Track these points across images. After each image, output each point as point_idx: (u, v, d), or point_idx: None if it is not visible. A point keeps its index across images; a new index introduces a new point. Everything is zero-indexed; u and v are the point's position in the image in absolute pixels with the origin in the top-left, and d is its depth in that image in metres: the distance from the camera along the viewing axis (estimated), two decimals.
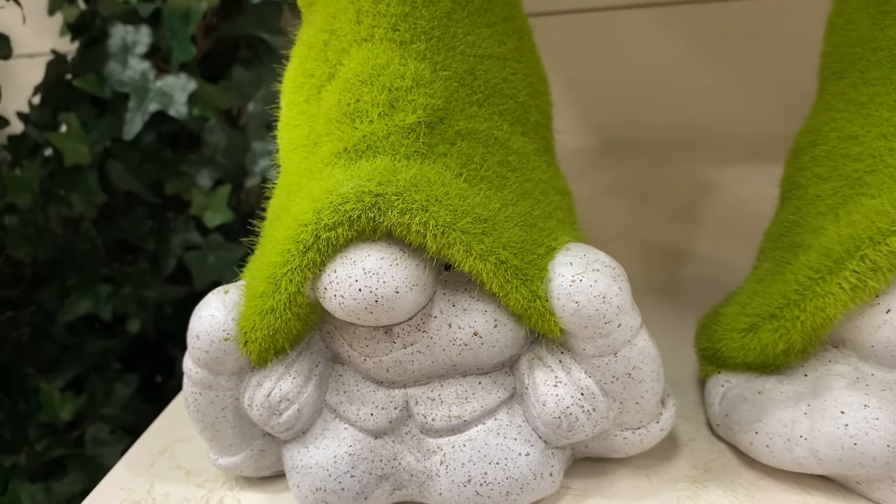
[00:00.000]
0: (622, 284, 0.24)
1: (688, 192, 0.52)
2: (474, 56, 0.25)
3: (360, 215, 0.22)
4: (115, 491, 0.30)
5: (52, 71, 0.52)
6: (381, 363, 0.26)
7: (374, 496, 0.26)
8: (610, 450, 0.27)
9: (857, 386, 0.24)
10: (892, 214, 0.22)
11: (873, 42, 0.25)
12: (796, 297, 0.24)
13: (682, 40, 0.62)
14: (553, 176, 0.27)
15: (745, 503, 0.26)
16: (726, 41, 0.61)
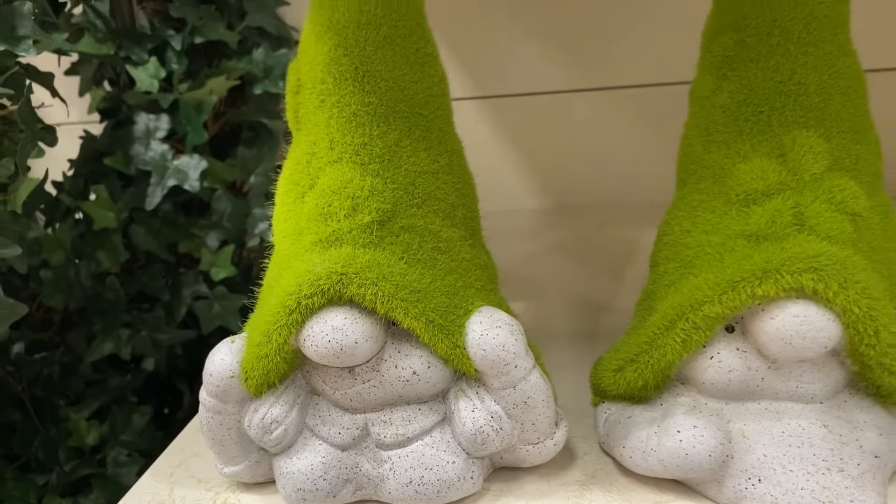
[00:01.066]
0: (518, 337, 0.33)
1: (619, 252, 0.61)
2: (415, 171, 0.35)
3: (329, 288, 0.32)
4: (143, 494, 0.38)
5: (85, 149, 0.61)
6: (346, 395, 0.35)
7: (340, 495, 0.35)
8: (518, 460, 0.36)
9: (692, 412, 0.33)
10: (705, 290, 0.31)
11: (703, 162, 0.35)
12: (647, 346, 0.34)
13: (622, 119, 0.72)
14: (476, 255, 0.37)
15: (617, 500, 0.35)
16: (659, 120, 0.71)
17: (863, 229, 0.32)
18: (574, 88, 0.72)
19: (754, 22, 0.33)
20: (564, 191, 0.75)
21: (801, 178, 0.32)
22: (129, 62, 0.61)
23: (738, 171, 0.33)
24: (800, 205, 0.31)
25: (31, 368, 0.61)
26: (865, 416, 0.32)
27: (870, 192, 0.32)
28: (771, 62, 0.33)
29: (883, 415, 0.33)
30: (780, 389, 0.33)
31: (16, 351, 0.62)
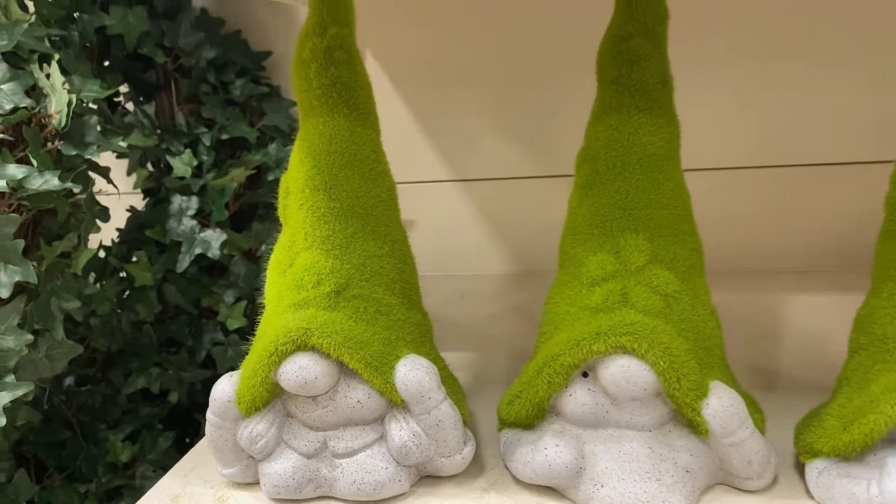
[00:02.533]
0: (432, 377, 0.46)
1: None
2: (365, 255, 0.48)
3: (297, 338, 0.45)
4: (163, 490, 0.52)
5: (130, 221, 0.76)
6: (311, 417, 0.48)
7: (304, 491, 0.48)
8: (437, 470, 0.49)
9: (558, 435, 0.46)
10: (561, 346, 0.44)
11: (569, 254, 0.48)
12: (526, 385, 0.46)
13: None
14: (410, 316, 0.50)
15: (508, 501, 0.47)
16: None
17: (673, 306, 0.44)
18: (536, 175, 0.86)
19: (605, 157, 0.46)
20: (529, 259, 0.89)
21: (628, 268, 0.45)
22: (169, 153, 0.76)
23: (588, 262, 0.46)
24: (626, 287, 0.44)
25: (79, 398, 0.75)
26: (682, 442, 0.45)
27: (683, 279, 0.45)
28: (614, 186, 0.46)
29: (696, 441, 0.45)
30: (620, 420, 0.45)
31: (67, 383, 0.76)
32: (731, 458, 0.44)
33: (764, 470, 0.44)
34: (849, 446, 0.41)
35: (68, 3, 0.69)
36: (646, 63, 0.46)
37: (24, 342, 0.55)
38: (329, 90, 0.48)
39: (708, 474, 0.45)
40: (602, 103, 0.48)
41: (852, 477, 0.41)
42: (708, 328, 0.46)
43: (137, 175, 0.83)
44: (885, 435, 0.40)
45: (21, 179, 0.54)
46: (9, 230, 0.53)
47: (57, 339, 0.59)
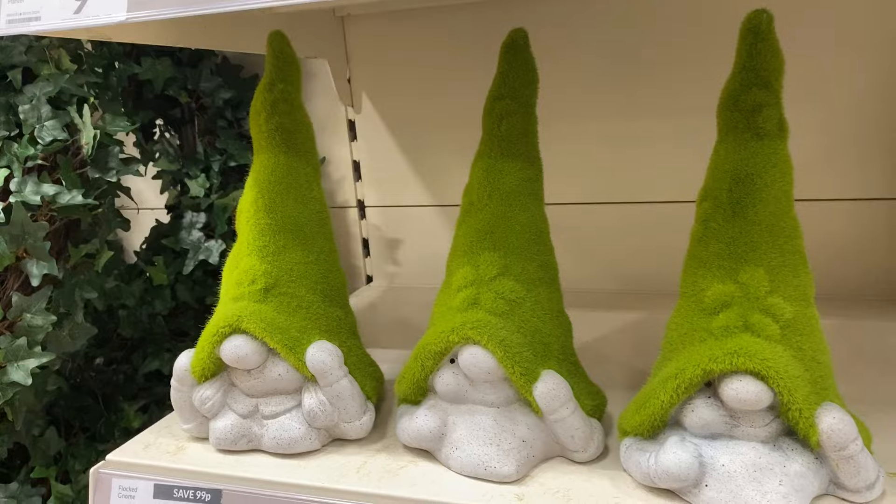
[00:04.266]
0: (333, 357, 0.58)
1: None
2: (293, 262, 0.62)
3: (233, 322, 0.59)
4: (140, 440, 0.66)
5: (153, 232, 0.93)
6: (246, 385, 0.61)
7: (239, 443, 0.61)
8: (343, 433, 0.61)
9: (431, 408, 0.58)
10: (429, 337, 0.57)
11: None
12: (408, 368, 0.59)
13: None
14: (328, 312, 0.63)
15: (392, 459, 0.59)
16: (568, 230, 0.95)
17: (516, 309, 0.56)
18: None
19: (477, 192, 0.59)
20: None
21: (483, 278, 0.56)
22: (188, 176, 0.92)
23: (456, 274, 0.58)
24: (479, 293, 0.56)
25: (106, 375, 0.92)
26: (522, 418, 0.56)
27: (528, 289, 0.57)
28: (481, 215, 0.58)
29: (533, 418, 0.56)
30: (476, 397, 0.57)
31: (97, 362, 0.93)
32: (557, 432, 0.55)
33: (587, 444, 0.55)
34: (640, 426, 0.52)
35: (109, 54, 0.86)
36: (511, 118, 0.59)
37: (50, 322, 0.71)
38: (273, 133, 0.63)
39: (543, 446, 0.56)
40: (480, 149, 0.60)
41: (643, 450, 0.52)
42: (547, 328, 0.57)
43: (169, 194, 1.00)
44: (665, 416, 0.51)
45: (53, 195, 0.71)
46: (40, 234, 0.69)
47: (77, 321, 0.75)
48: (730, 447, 0.49)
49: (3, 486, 0.81)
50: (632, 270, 0.95)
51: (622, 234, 0.94)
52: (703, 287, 0.52)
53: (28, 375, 0.69)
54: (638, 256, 0.94)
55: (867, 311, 0.84)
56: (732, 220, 0.52)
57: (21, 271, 0.71)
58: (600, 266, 0.97)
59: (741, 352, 0.47)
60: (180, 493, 0.60)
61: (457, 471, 0.56)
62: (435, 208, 1.03)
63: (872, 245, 0.86)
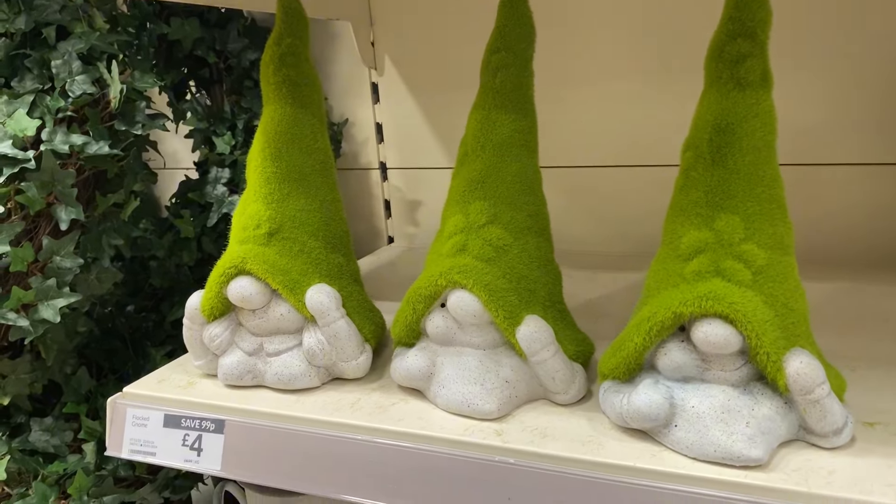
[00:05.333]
0: (331, 299, 0.61)
1: None
2: (296, 209, 0.65)
3: (237, 264, 0.62)
4: (155, 376, 0.70)
5: (181, 187, 0.97)
6: (251, 325, 0.65)
7: (245, 379, 0.65)
8: (342, 372, 0.64)
9: (421, 349, 0.60)
10: (420, 282, 0.59)
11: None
12: (400, 312, 0.61)
13: None
14: (331, 259, 0.66)
15: (386, 396, 0.62)
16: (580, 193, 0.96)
17: (503, 256, 0.57)
18: None
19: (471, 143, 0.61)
20: None
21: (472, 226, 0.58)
22: (215, 134, 0.96)
23: (448, 223, 0.60)
24: (467, 240, 0.58)
25: (136, 321, 0.97)
26: (507, 360, 0.58)
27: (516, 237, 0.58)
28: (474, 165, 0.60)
29: (517, 360, 0.58)
30: (463, 340, 0.59)
31: (128, 309, 0.98)
32: (539, 374, 0.57)
33: (568, 387, 0.57)
34: (617, 368, 0.53)
35: (140, 15, 0.90)
36: (506, 71, 0.60)
37: (77, 264, 0.76)
38: (280, 86, 0.66)
39: (527, 387, 0.58)
40: (476, 101, 0.62)
41: (618, 392, 0.54)
42: (533, 275, 0.59)
43: (200, 153, 1.04)
44: (639, 359, 0.53)
45: (82, 145, 0.75)
46: (68, 181, 0.74)
47: (104, 266, 0.80)
48: (700, 390, 0.51)
49: (39, 420, 0.87)
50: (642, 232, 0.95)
51: (634, 196, 0.95)
52: (680, 234, 0.53)
53: (57, 314, 0.74)
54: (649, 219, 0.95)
55: (877, 275, 0.83)
56: (712, 169, 0.52)
57: (51, 217, 0.76)
58: (612, 228, 0.98)
59: (711, 295, 0.48)
60: (187, 423, 0.64)
61: (443, 408, 0.58)
62: None
63: (887, 210, 0.85)
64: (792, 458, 0.49)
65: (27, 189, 0.72)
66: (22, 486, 0.82)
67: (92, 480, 0.81)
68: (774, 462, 0.49)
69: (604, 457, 0.51)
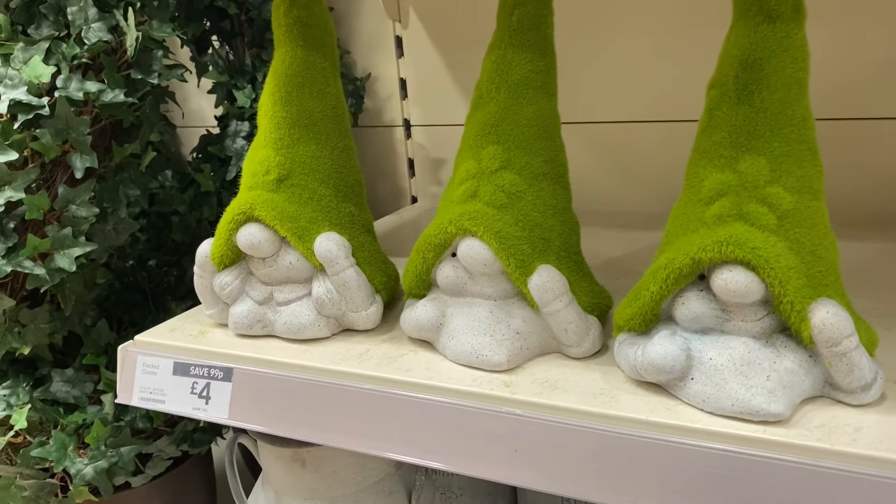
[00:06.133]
0: (340, 247, 0.60)
1: None
2: (306, 155, 0.63)
3: (247, 210, 0.61)
4: (167, 325, 0.70)
5: (202, 141, 0.96)
6: (262, 273, 0.64)
7: (255, 328, 0.64)
8: (352, 323, 0.63)
9: (431, 300, 0.58)
10: (430, 229, 0.57)
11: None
12: (410, 262, 0.59)
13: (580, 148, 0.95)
14: (342, 207, 0.64)
15: (395, 347, 0.60)
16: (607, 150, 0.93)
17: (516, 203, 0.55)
18: None
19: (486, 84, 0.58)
20: None
21: (484, 171, 0.56)
22: (236, 87, 0.95)
23: (460, 168, 0.58)
24: (479, 186, 0.56)
25: (158, 276, 0.97)
26: (518, 311, 0.56)
27: (531, 183, 0.56)
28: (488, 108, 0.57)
29: (530, 311, 0.56)
30: (474, 290, 0.57)
31: (150, 263, 0.98)
32: (551, 325, 0.55)
33: (581, 339, 0.55)
34: (632, 319, 0.51)
35: None
36: (524, 8, 0.57)
37: (93, 213, 0.75)
38: (291, 27, 0.64)
39: (538, 340, 0.56)
40: (492, 40, 0.59)
41: (634, 344, 0.51)
42: (548, 223, 0.57)
43: (223, 108, 1.03)
44: (656, 308, 0.50)
45: (96, 93, 0.74)
46: (82, 128, 0.73)
47: (121, 216, 0.80)
48: (720, 342, 0.48)
49: (60, 371, 0.87)
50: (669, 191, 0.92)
51: (661, 153, 0.91)
52: (702, 177, 0.50)
53: (73, 263, 0.74)
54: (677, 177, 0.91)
55: None
56: (737, 108, 0.49)
57: (67, 166, 0.76)
58: (638, 186, 0.94)
59: (731, 240, 0.45)
60: (196, 371, 0.63)
61: (452, 359, 0.57)
62: None
63: None
64: (816, 415, 0.46)
65: (42, 136, 0.72)
66: (42, 434, 0.83)
67: (109, 431, 0.82)
68: (796, 418, 0.46)
69: (616, 410, 0.49)
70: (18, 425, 0.80)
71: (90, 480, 0.80)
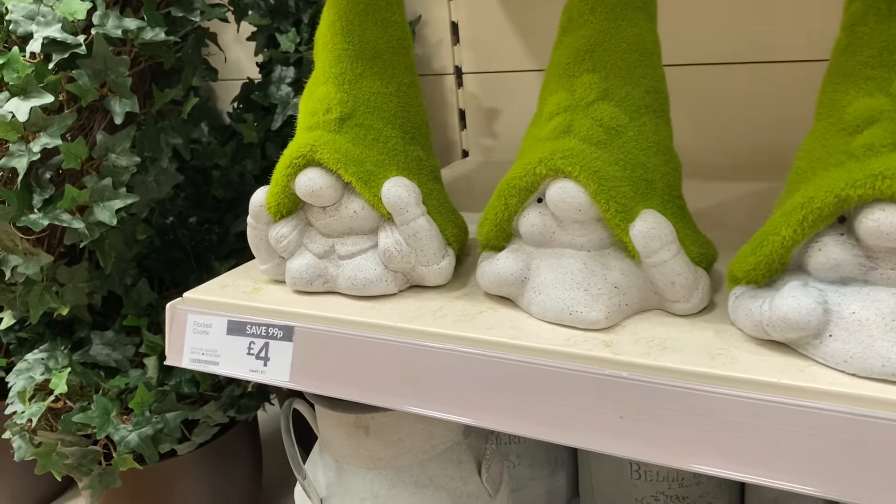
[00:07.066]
0: (411, 193, 0.54)
1: None
2: (370, 92, 0.57)
3: (305, 154, 0.55)
4: (217, 282, 0.65)
5: (243, 89, 0.90)
6: (322, 224, 0.58)
7: (315, 284, 0.58)
8: (421, 278, 0.57)
9: (514, 251, 0.52)
10: (513, 171, 0.51)
11: None
12: (490, 208, 0.53)
13: None
14: (410, 150, 0.58)
15: (470, 305, 0.54)
16: None
17: (615, 139, 0.49)
18: None
19: (577, 6, 0.51)
20: None
21: (579, 103, 0.50)
22: (278, 31, 0.89)
23: (549, 100, 0.51)
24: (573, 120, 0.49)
25: (199, 234, 0.92)
26: (615, 263, 0.50)
27: (632, 117, 0.49)
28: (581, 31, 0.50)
29: (629, 263, 0.50)
30: (564, 240, 0.51)
31: (190, 221, 0.92)
32: (656, 279, 0.49)
33: (690, 294, 0.49)
34: (754, 270, 0.45)
35: None
36: None
37: (133, 162, 0.70)
38: None
39: (638, 294, 0.50)
40: None
41: (756, 298, 0.45)
42: (652, 163, 0.50)
43: (264, 56, 0.97)
44: (786, 256, 0.44)
45: (135, 30, 0.68)
46: (122, 69, 0.67)
47: (163, 167, 0.74)
48: (864, 293, 0.42)
49: (100, 334, 0.83)
50: (757, 141, 0.85)
51: (748, 98, 0.84)
52: (844, 103, 0.43)
53: (113, 216, 0.69)
54: (765, 125, 0.84)
55: None
56: (888, 21, 0.42)
57: (105, 112, 0.70)
58: (722, 135, 0.87)
59: (888, 174, 0.39)
60: (252, 330, 0.58)
61: (538, 316, 0.51)
62: (539, 74, 0.95)
63: None
64: None
65: (78, 77, 0.66)
66: (83, 399, 0.79)
67: (154, 396, 0.77)
68: None
69: (739, 371, 0.43)
70: (59, 389, 0.76)
71: (134, 447, 0.76)
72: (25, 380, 0.78)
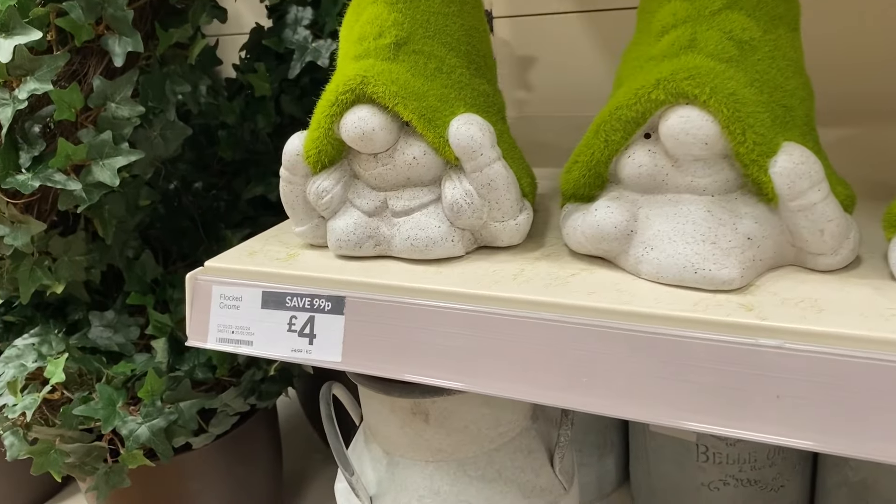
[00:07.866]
0: (485, 133, 0.44)
1: None
2: (429, 12, 0.47)
3: (356, 87, 0.45)
4: (245, 248, 0.55)
5: (253, 34, 0.80)
6: (372, 175, 0.48)
7: (364, 247, 0.49)
8: (493, 237, 0.48)
9: (614, 199, 0.43)
10: (619, 99, 0.41)
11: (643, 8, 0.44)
12: (584, 148, 0.44)
13: None
14: (476, 83, 0.49)
15: (555, 267, 0.45)
16: None
17: (749, 55, 0.40)
18: None
19: None
20: None
21: (702, 13, 0.40)
22: None
23: (660, 12, 0.42)
24: (696, 32, 0.40)
25: (206, 201, 0.82)
26: (747, 209, 0.41)
27: (766, 29, 0.40)
28: None
29: (763, 209, 0.41)
30: (680, 184, 0.42)
31: (195, 186, 0.82)
32: (800, 227, 0.40)
33: (839, 245, 0.40)
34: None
35: None
36: None
37: (137, 113, 0.60)
38: None
39: (774, 246, 0.41)
40: None
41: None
42: (790, 86, 0.41)
43: None
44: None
45: None
46: (121, 2, 0.57)
47: (170, 119, 0.64)
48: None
49: (99, 315, 0.73)
50: None
51: None
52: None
53: (115, 176, 0.59)
54: None
55: None
56: None
57: (103, 53, 0.60)
58: None
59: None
60: (294, 302, 0.48)
61: (651, 277, 0.42)
62: (581, 16, 0.86)
63: None
64: None
65: (71, 10, 0.56)
66: (84, 389, 0.69)
67: (165, 383, 0.68)
68: None
69: None
70: (55, 378, 0.66)
71: (145, 442, 0.66)
72: (16, 368, 0.68)
